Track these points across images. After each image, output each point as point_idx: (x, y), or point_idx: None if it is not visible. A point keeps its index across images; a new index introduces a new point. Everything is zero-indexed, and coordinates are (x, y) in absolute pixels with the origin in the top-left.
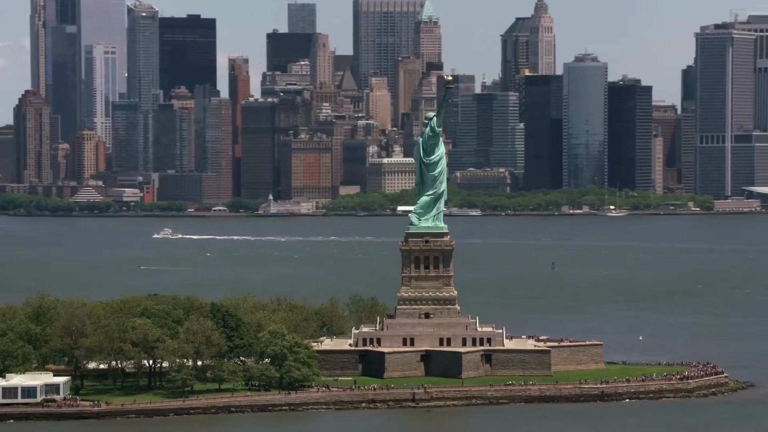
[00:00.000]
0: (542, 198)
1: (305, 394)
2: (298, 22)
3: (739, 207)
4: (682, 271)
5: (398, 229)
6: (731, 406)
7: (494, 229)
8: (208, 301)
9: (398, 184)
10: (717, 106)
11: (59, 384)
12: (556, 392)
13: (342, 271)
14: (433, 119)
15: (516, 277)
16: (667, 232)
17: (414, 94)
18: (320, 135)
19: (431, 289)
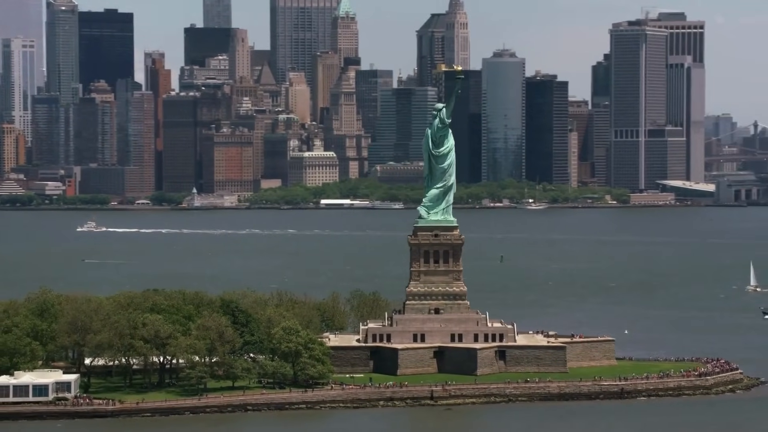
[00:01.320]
0: (463, 191)
1: (322, 392)
2: (214, 17)
3: (655, 200)
4: (633, 264)
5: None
6: (758, 403)
7: None
8: (216, 297)
9: (319, 177)
10: (630, 101)
11: (70, 382)
12: (575, 389)
13: (295, 263)
14: (443, 110)
15: (467, 271)
16: (592, 224)
17: (333, 89)
18: (242, 129)
19: (441, 284)
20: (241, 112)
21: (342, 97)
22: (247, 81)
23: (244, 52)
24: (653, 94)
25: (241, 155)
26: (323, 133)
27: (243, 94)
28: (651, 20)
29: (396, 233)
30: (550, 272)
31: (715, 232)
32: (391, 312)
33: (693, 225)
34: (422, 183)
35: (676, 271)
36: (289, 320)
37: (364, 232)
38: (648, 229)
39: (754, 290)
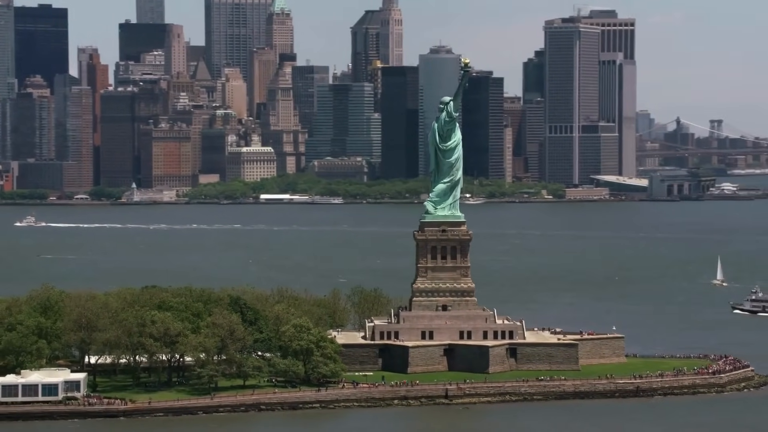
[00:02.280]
0: (402, 186)
1: (336, 391)
2: (147, 13)
3: (589, 195)
4: (596, 258)
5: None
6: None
7: (379, 217)
8: (224, 294)
9: (257, 172)
10: (564, 97)
11: (80, 381)
12: (590, 388)
13: (256, 257)
14: (450, 103)
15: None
16: (534, 219)
17: (270, 85)
18: (180, 124)
19: (448, 280)
20: (178, 108)
21: (279, 93)
22: (183, 76)
23: (179, 47)
24: (586, 90)
25: (180, 150)
26: (260, 128)
27: (180, 90)
28: (583, 17)
29: (341, 228)
30: (514, 267)
31: (665, 225)
32: (397, 309)
33: (637, 219)
34: (358, 178)
35: (640, 265)
36: (299, 318)
37: (316, 227)
38: (594, 224)
39: (721, 284)
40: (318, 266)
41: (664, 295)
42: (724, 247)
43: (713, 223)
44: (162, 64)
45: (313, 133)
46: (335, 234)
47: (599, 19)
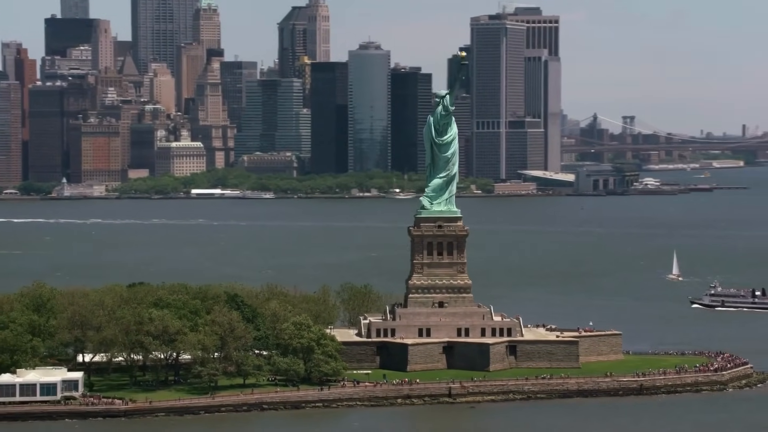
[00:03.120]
0: (332, 181)
1: (338, 390)
2: (71, 8)
3: (517, 190)
4: (548, 253)
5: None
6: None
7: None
8: (221, 291)
9: (187, 167)
10: (492, 93)
11: (78, 380)
12: (594, 386)
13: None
14: (446, 97)
15: (381, 260)
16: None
17: (198, 80)
18: (109, 119)
19: (445, 276)
20: (106, 103)
21: (207, 88)
22: (111, 71)
23: (107, 42)
24: (513, 86)
25: (109, 145)
26: (189, 123)
27: (108, 85)
28: (509, 15)
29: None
30: (476, 262)
31: (605, 220)
32: (392, 306)
33: (572, 214)
34: (288, 173)
35: (593, 259)
36: (299, 315)
37: (258, 222)
38: (530, 218)
39: (676, 279)
40: (273, 261)
41: (624, 290)
42: (671, 241)
43: (653, 218)
44: (89, 59)
45: (242, 129)
46: (280, 229)
47: (524, 16)
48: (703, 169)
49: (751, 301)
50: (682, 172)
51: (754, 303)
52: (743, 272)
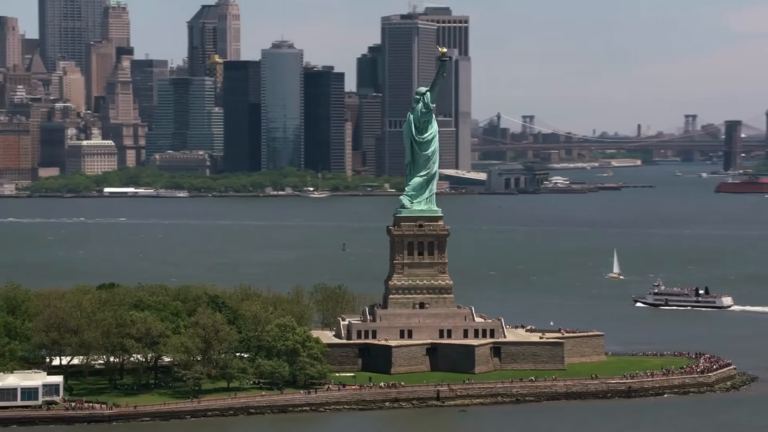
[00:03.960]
0: (246, 180)
1: (325, 394)
2: None
3: None
4: (486, 251)
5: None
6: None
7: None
8: (200, 292)
9: (98, 166)
10: (404, 92)
11: (58, 384)
12: (582, 388)
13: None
14: (426, 94)
15: (320, 258)
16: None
17: (109, 78)
18: (19, 117)
19: (425, 277)
20: (15, 101)
21: (118, 86)
22: (19, 69)
23: (15, 40)
24: (424, 85)
25: (19, 143)
26: (100, 121)
27: (16, 83)
28: (419, 14)
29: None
30: None
31: (525, 219)
32: (371, 306)
33: (491, 213)
34: (201, 172)
35: (531, 257)
36: (283, 316)
37: (180, 221)
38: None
39: (617, 277)
40: (210, 260)
41: (569, 289)
42: (603, 239)
43: (573, 216)
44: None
45: (154, 127)
46: (206, 227)
47: (435, 16)
48: (604, 168)
49: (694, 300)
50: (582, 170)
51: (698, 301)
52: (681, 270)
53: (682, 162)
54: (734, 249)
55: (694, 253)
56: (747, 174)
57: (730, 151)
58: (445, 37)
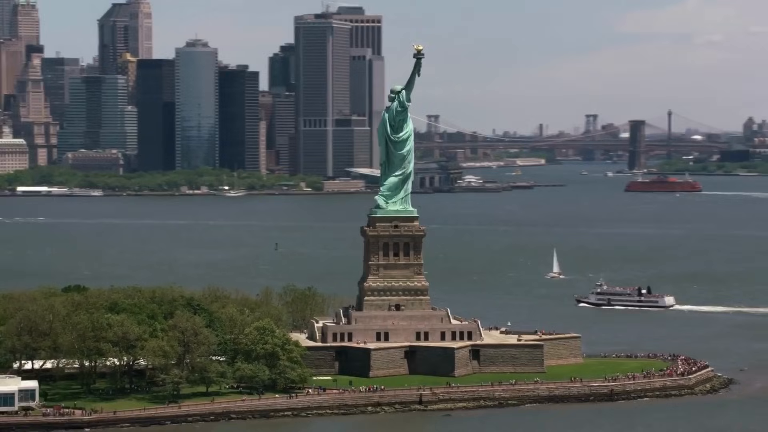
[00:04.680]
0: (162, 178)
1: (308, 398)
2: None
3: (347, 187)
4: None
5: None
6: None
7: (150, 210)
8: (177, 294)
9: (9, 164)
10: (318, 91)
11: (34, 389)
12: (564, 391)
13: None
14: (402, 92)
15: (253, 257)
16: (313, 210)
17: (20, 76)
18: None
19: (401, 278)
20: None
21: (29, 84)
22: None
23: None
24: (339, 85)
25: None
26: (11, 120)
27: None
28: (332, 14)
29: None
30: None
31: (449, 217)
32: (345, 308)
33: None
34: (114, 170)
35: (469, 256)
36: (262, 319)
37: (100, 220)
38: None
39: (557, 276)
40: (143, 260)
41: (514, 289)
42: (533, 238)
43: (496, 215)
44: None
45: (65, 126)
46: (130, 227)
47: (348, 16)
48: (510, 167)
49: (637, 300)
50: (489, 170)
51: (640, 301)
52: (619, 270)
53: (583, 161)
54: (666, 248)
55: (628, 252)
56: (654, 173)
57: (635, 150)
58: (359, 36)
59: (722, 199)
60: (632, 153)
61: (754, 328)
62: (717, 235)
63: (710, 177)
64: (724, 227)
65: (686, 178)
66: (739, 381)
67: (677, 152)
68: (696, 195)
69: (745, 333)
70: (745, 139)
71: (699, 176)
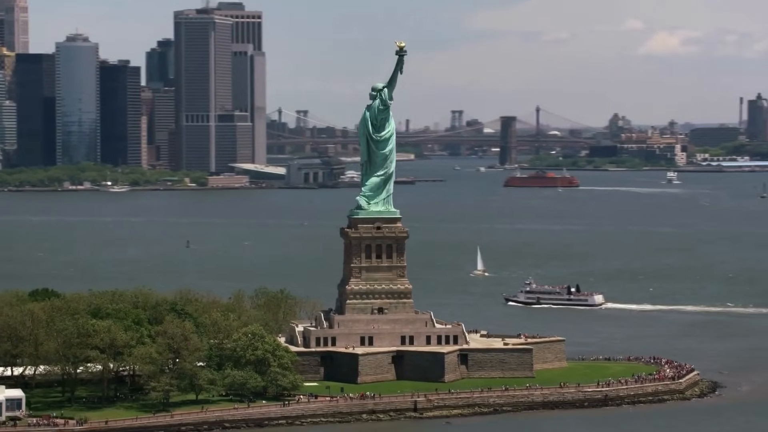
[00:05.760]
0: (43, 174)
1: (302, 406)
2: None
3: (231, 183)
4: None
5: None
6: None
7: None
8: (160, 298)
9: None
10: (200, 86)
11: (21, 398)
12: (559, 397)
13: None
14: (384, 90)
15: (168, 254)
16: (204, 206)
17: None
18: None
19: (384, 281)
20: None
21: None
22: None
23: None
24: (221, 80)
25: None
26: None
27: None
28: (213, 9)
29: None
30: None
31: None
32: (325, 311)
33: (305, 206)
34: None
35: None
36: (251, 324)
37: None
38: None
39: (482, 274)
40: (57, 258)
41: (442, 287)
42: (444, 236)
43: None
44: None
45: None
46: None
47: (228, 11)
48: None
49: (566, 298)
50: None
51: (570, 300)
52: (542, 266)
53: (449, 156)
54: (579, 244)
55: (545, 248)
56: (526, 168)
57: (506, 145)
58: (240, 32)
59: (604, 195)
60: (503, 148)
61: (706, 328)
62: (618, 231)
63: (582, 172)
64: (621, 223)
65: (564, 174)
66: (723, 384)
67: (543, 148)
68: (576, 190)
69: (701, 333)
70: (612, 135)
71: (571, 171)
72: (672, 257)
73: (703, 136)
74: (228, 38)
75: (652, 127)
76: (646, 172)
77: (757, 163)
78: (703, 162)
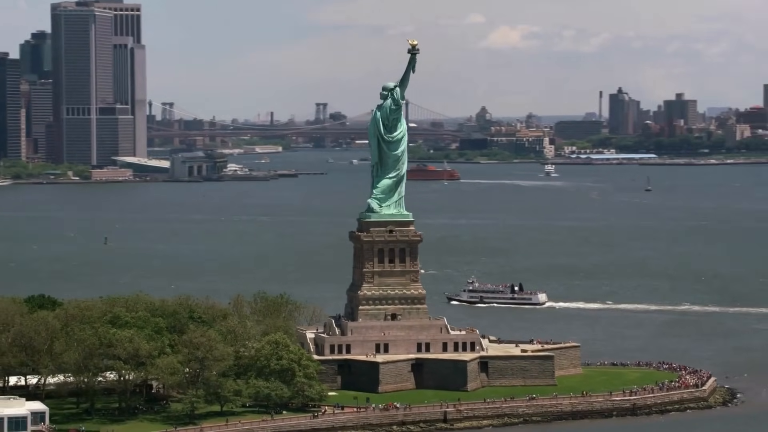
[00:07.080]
0: None
1: (332, 418)
2: None
3: (115, 176)
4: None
5: None
6: None
7: None
8: (180, 307)
9: None
10: (81, 79)
11: (44, 412)
12: (587, 407)
13: None
14: (396, 90)
15: (90, 252)
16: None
17: None
18: None
19: (397, 286)
20: None
21: None
22: None
23: None
24: (102, 73)
25: None
26: None
27: None
28: (92, 1)
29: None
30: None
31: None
32: (336, 317)
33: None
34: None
35: (312, 252)
36: (276, 333)
37: None
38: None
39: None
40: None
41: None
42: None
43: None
44: None
45: None
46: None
47: (107, 4)
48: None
49: (510, 297)
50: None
51: (513, 298)
52: (476, 263)
53: (314, 148)
54: (505, 238)
55: (474, 244)
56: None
57: None
58: (120, 25)
59: (489, 188)
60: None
61: (681, 328)
62: (527, 225)
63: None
64: (525, 217)
65: (445, 167)
66: (739, 390)
67: (412, 141)
68: (460, 183)
69: (680, 334)
70: (481, 128)
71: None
72: (599, 253)
73: (567, 129)
74: (109, 31)
75: (517, 120)
76: (517, 164)
77: (624, 156)
78: (572, 155)
